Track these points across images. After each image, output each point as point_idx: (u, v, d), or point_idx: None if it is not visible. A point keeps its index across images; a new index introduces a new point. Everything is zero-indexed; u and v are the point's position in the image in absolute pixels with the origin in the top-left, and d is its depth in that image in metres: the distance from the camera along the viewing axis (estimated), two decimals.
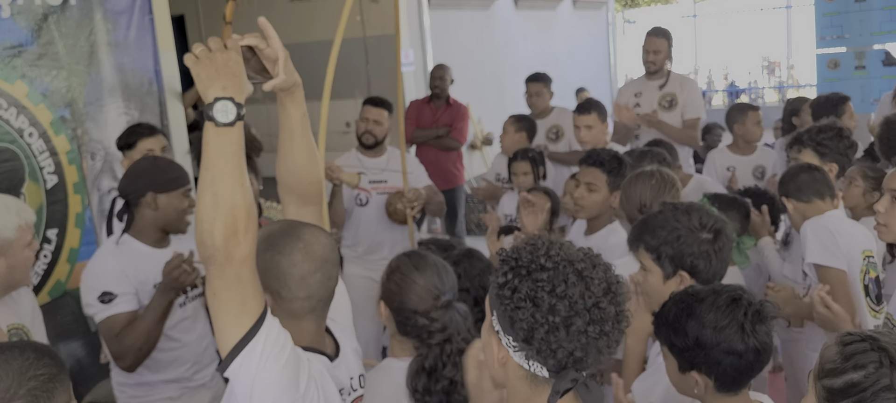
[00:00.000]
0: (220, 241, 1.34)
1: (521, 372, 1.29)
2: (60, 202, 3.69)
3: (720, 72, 17.30)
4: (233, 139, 1.38)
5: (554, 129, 5.21)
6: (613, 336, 1.25)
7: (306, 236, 1.57)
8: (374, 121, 4.07)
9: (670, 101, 4.91)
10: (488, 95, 8.88)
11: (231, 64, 1.42)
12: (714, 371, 1.62)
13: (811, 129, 3.08)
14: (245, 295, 1.37)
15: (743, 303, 1.63)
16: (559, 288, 1.22)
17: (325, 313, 1.64)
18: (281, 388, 1.39)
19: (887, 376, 1.25)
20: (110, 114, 3.99)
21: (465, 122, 5.95)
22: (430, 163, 5.68)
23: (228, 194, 1.36)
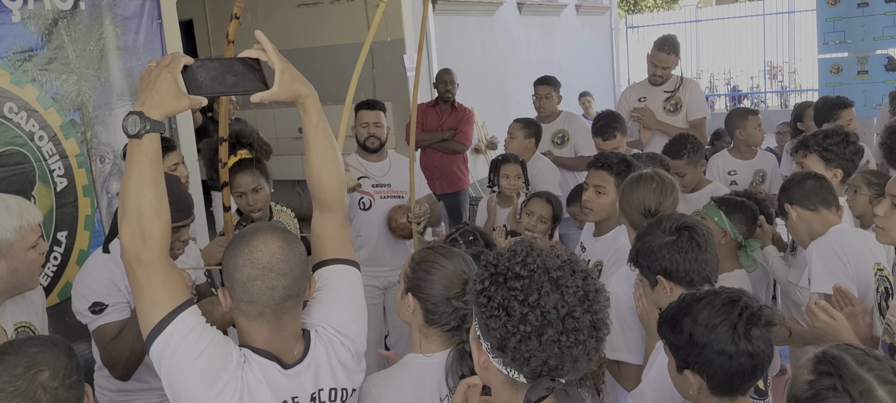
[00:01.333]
0: (127, 243, 1.52)
1: (501, 377, 1.30)
2: (70, 205, 3.73)
3: (722, 77, 17.31)
4: (140, 149, 1.52)
5: (560, 134, 5.24)
6: (590, 344, 1.24)
7: (256, 242, 1.58)
8: (375, 124, 4.06)
9: (675, 105, 4.94)
10: (492, 100, 8.92)
11: (158, 82, 1.51)
12: (706, 371, 1.62)
13: (817, 134, 3.08)
14: (154, 294, 1.52)
15: (739, 305, 1.62)
16: (531, 298, 1.22)
17: (279, 319, 1.60)
18: (192, 384, 1.51)
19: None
20: (119, 117, 4.02)
21: (471, 126, 5.97)
22: (435, 167, 5.73)
23: (133, 199, 1.51)
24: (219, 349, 1.56)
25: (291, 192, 7.84)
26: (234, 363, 1.57)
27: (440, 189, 5.67)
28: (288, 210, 3.52)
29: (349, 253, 1.82)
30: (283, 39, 7.56)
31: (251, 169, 3.25)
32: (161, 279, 1.54)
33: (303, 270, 1.63)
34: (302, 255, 1.63)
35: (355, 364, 1.75)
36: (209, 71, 1.60)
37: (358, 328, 1.76)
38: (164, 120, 1.54)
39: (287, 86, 1.65)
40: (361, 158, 4.10)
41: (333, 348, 1.71)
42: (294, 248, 1.61)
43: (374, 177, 4.05)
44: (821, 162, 3.02)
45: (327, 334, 1.71)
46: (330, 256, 1.78)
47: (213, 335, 1.58)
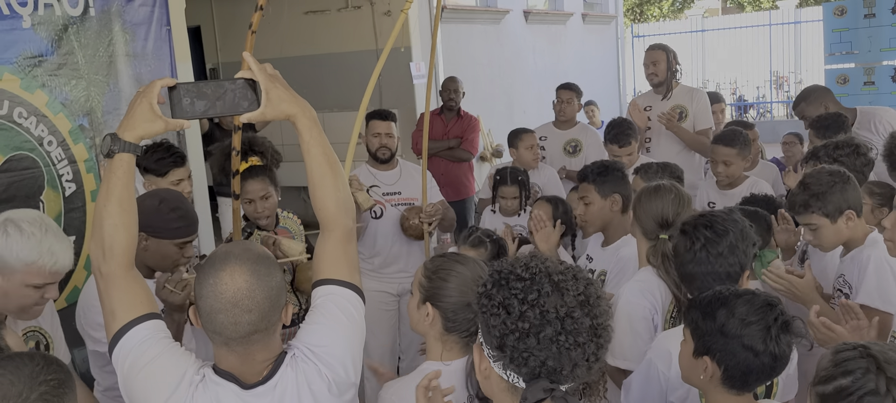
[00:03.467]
0: (91, 255, 1.61)
1: (502, 384, 1.31)
2: (78, 209, 3.75)
3: (728, 87, 17.30)
4: (111, 167, 1.59)
5: (573, 143, 5.26)
6: (589, 348, 1.25)
7: (222, 274, 1.53)
8: (386, 135, 4.08)
9: (681, 114, 4.96)
10: (498, 108, 8.93)
11: (134, 106, 1.59)
12: (726, 362, 1.66)
13: (828, 145, 3.07)
14: (113, 306, 1.58)
15: (776, 310, 1.68)
16: (531, 297, 1.25)
17: (247, 349, 1.57)
18: (140, 396, 1.55)
19: (873, 380, 1.29)
20: None
21: (476, 134, 5.99)
22: (440, 175, 5.73)
23: (99, 214, 1.60)
24: (169, 363, 1.56)
25: (297, 199, 7.83)
26: (185, 380, 1.55)
27: (446, 197, 5.66)
28: (294, 216, 3.53)
29: (347, 274, 1.71)
30: (290, 47, 7.60)
31: (261, 176, 3.26)
32: (120, 292, 1.59)
33: (273, 303, 1.56)
34: (272, 289, 1.56)
35: (332, 395, 1.63)
36: (197, 94, 1.60)
37: (340, 353, 1.64)
38: (138, 141, 1.59)
39: (273, 107, 1.63)
40: (372, 167, 4.12)
41: (306, 375, 1.61)
42: (263, 282, 1.54)
43: (385, 186, 4.08)
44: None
45: (303, 358, 1.62)
46: (325, 276, 1.71)
47: (166, 349, 1.58)
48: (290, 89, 1.66)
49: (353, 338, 1.68)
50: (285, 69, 1.87)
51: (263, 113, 1.63)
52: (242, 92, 1.63)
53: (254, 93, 1.64)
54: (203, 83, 1.63)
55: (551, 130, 5.28)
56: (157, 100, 1.59)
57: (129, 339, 1.57)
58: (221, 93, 1.62)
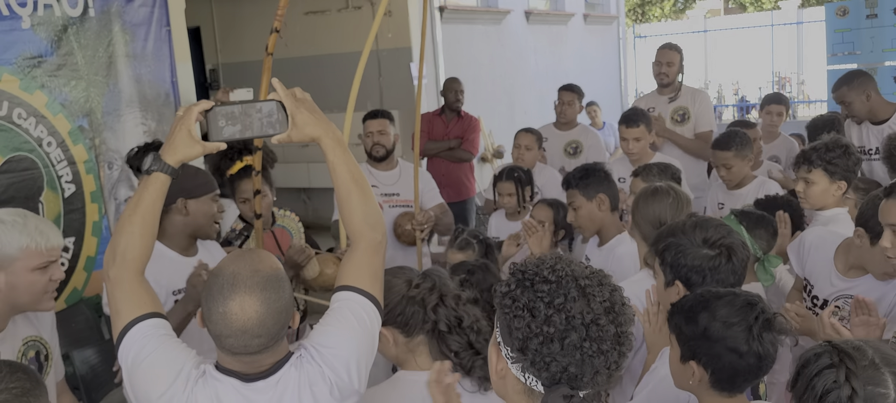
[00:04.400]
0: (106, 259, 1.69)
1: (518, 386, 1.29)
2: (78, 211, 3.74)
3: (730, 88, 17.29)
4: (145, 183, 1.69)
5: (573, 144, 5.24)
6: (612, 356, 1.23)
7: (231, 304, 1.55)
8: (379, 133, 4.08)
9: (682, 115, 4.94)
10: (499, 109, 8.92)
11: (174, 132, 1.69)
12: (712, 365, 1.66)
13: (819, 147, 3.04)
14: (118, 306, 1.66)
15: (757, 309, 1.67)
16: (557, 301, 1.22)
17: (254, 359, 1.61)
18: (141, 389, 1.61)
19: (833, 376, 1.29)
20: (128, 124, 4.05)
21: (477, 134, 5.98)
22: (441, 175, 5.73)
23: (122, 224, 1.69)
24: (168, 358, 1.61)
25: (297, 200, 7.85)
26: (183, 375, 1.59)
27: (447, 197, 5.63)
28: (292, 214, 3.52)
29: (367, 285, 1.74)
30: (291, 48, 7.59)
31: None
32: (126, 294, 1.66)
33: (283, 323, 1.61)
34: (281, 312, 1.59)
35: (333, 398, 1.64)
36: (231, 117, 1.68)
37: (346, 357, 1.65)
38: (177, 166, 1.70)
39: (299, 131, 1.70)
40: (371, 167, 4.11)
41: (309, 376, 1.63)
42: (273, 308, 1.57)
43: (383, 186, 4.06)
44: (826, 175, 3.00)
45: (309, 359, 1.65)
46: (346, 283, 1.74)
47: (165, 344, 1.63)
48: (316, 112, 1.72)
49: (363, 346, 1.69)
50: (286, 70, 1.89)
51: (289, 136, 1.71)
52: (273, 114, 1.70)
53: (284, 114, 1.71)
54: (236, 106, 1.70)
55: (552, 131, 5.26)
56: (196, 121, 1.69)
57: (133, 335, 1.62)
58: (253, 115, 1.69)
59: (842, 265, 2.64)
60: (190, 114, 1.69)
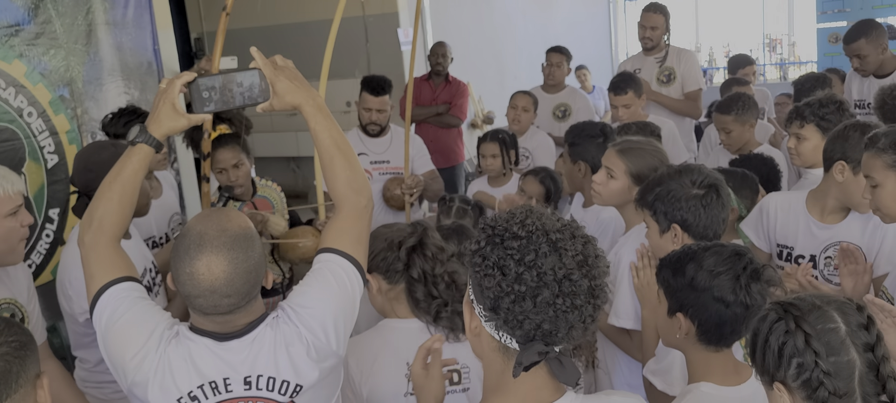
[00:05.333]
0: (83, 224, 1.71)
1: (493, 344, 1.28)
2: (62, 182, 3.70)
3: (721, 50, 17.21)
4: (129, 154, 1.71)
5: (562, 107, 5.21)
6: (587, 310, 1.21)
7: (198, 264, 1.53)
8: (378, 111, 4.03)
9: (668, 76, 4.92)
10: (489, 73, 8.85)
11: (158, 106, 1.71)
12: (699, 316, 1.65)
13: (812, 103, 3.02)
14: (92, 270, 1.68)
15: (744, 259, 1.67)
16: (528, 258, 1.20)
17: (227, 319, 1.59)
18: (114, 350, 1.62)
19: (784, 327, 1.29)
20: (110, 93, 3.99)
21: (465, 99, 5.94)
22: (430, 141, 5.68)
23: (101, 191, 1.71)
24: (142, 319, 1.62)
25: (286, 169, 7.80)
26: (155, 335, 1.60)
27: (436, 163, 5.60)
28: (273, 184, 3.48)
29: (349, 247, 1.72)
30: (276, 14, 7.49)
31: (231, 144, 3.21)
32: (100, 258, 1.68)
33: (253, 282, 1.58)
34: (250, 271, 1.57)
35: (310, 359, 1.62)
36: (214, 88, 1.69)
37: (323, 317, 1.64)
38: (162, 139, 1.72)
39: (280, 99, 1.71)
40: (361, 134, 4.08)
41: (285, 336, 1.62)
42: (241, 267, 1.55)
43: (373, 154, 4.03)
44: (818, 131, 2.98)
45: (286, 319, 1.64)
46: (328, 245, 1.73)
47: (140, 306, 1.64)
48: (296, 79, 1.72)
49: (342, 307, 1.67)
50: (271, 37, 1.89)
51: (271, 105, 1.72)
52: (256, 83, 1.70)
53: (267, 83, 1.71)
54: (219, 76, 1.70)
55: (540, 94, 5.23)
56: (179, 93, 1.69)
57: (106, 298, 1.64)
58: (237, 85, 1.70)
59: (818, 213, 2.64)
60: (173, 86, 1.69)
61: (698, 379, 1.66)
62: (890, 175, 2.15)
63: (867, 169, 2.22)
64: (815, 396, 1.24)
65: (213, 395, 1.59)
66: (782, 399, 1.29)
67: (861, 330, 1.27)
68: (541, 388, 1.28)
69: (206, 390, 1.58)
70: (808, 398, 1.25)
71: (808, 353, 1.25)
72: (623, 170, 2.58)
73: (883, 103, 3.50)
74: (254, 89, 1.71)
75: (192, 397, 1.58)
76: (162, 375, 1.57)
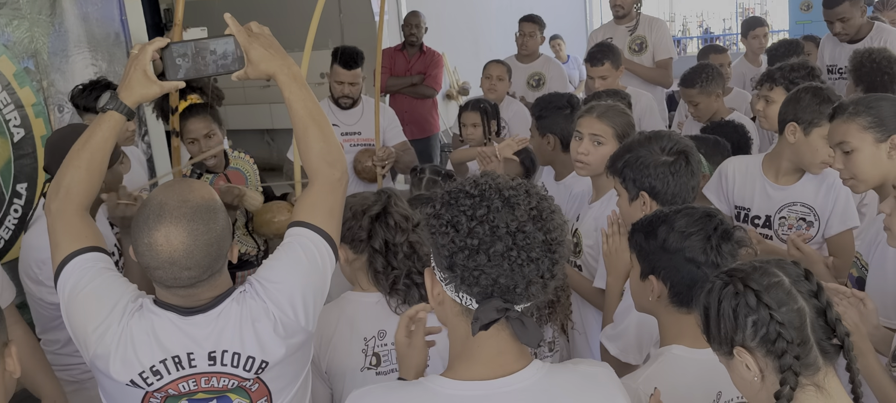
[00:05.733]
0: (50, 192, 1.68)
1: (456, 308, 1.27)
2: (29, 155, 3.63)
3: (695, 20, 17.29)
4: (99, 121, 1.67)
5: (536, 76, 5.20)
6: (544, 263, 1.21)
7: (157, 235, 1.50)
8: (350, 84, 3.99)
9: (640, 44, 4.93)
10: (464, 44, 8.81)
11: (129, 72, 1.68)
12: (671, 278, 1.66)
13: (783, 67, 3.07)
14: (58, 239, 1.65)
15: (715, 220, 1.68)
16: (480, 212, 1.20)
17: (190, 292, 1.57)
18: (76, 320, 1.59)
19: (733, 289, 1.32)
20: (77, 65, 3.91)
21: (440, 70, 5.90)
22: (404, 112, 5.67)
23: (69, 158, 1.68)
24: (106, 290, 1.59)
25: (260, 142, 7.74)
26: (119, 307, 1.56)
27: (410, 135, 5.59)
28: (246, 156, 3.44)
29: (321, 221, 1.68)
30: None
31: (203, 114, 3.16)
32: (67, 226, 1.65)
33: (215, 255, 1.54)
34: (211, 243, 1.53)
35: (277, 335, 1.59)
36: (188, 54, 1.66)
37: (291, 292, 1.60)
38: (134, 106, 1.68)
39: (254, 67, 1.67)
40: (332, 105, 4.04)
41: (251, 311, 1.58)
42: (201, 239, 1.51)
43: (344, 125, 4.00)
44: (786, 94, 3.01)
45: (253, 294, 1.60)
46: (299, 218, 1.70)
47: (105, 277, 1.61)
48: (271, 47, 1.68)
49: (311, 282, 1.64)
50: (246, 8, 1.84)
51: (246, 73, 1.68)
52: (230, 51, 1.67)
53: (242, 50, 1.68)
54: (192, 43, 1.67)
55: (514, 64, 5.20)
56: (153, 59, 1.66)
57: (71, 268, 1.61)
58: (211, 52, 1.67)
59: (773, 175, 2.70)
60: (144, 52, 1.65)
61: (670, 342, 1.68)
62: (866, 137, 2.17)
63: (840, 135, 2.22)
64: (774, 349, 1.27)
65: (177, 370, 1.56)
66: (744, 362, 1.31)
67: (802, 281, 1.32)
68: (505, 353, 1.28)
69: (169, 364, 1.55)
70: (769, 352, 1.28)
71: (762, 309, 1.28)
72: (611, 133, 2.56)
73: (860, 65, 3.53)
74: (228, 57, 1.67)
75: (155, 371, 1.55)
76: (124, 348, 1.54)
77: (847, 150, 2.20)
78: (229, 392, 1.60)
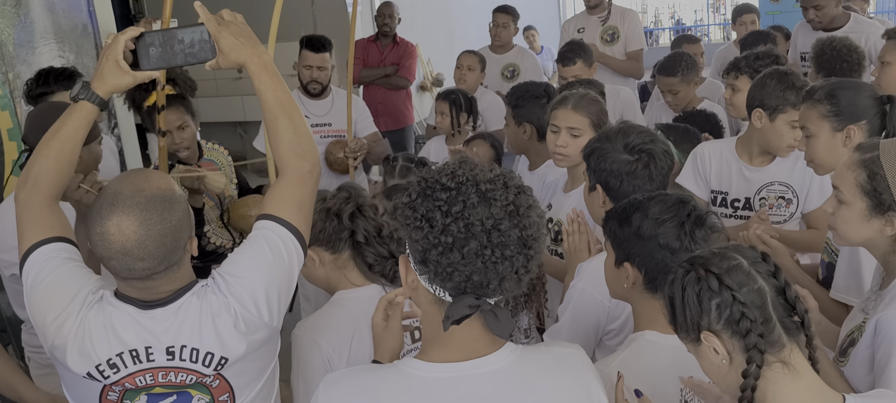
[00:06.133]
0: (20, 181, 1.66)
1: (429, 296, 1.27)
2: None
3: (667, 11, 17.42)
4: (70, 110, 1.66)
5: (510, 68, 5.20)
6: (518, 260, 1.20)
7: (108, 224, 1.48)
8: (318, 68, 3.95)
9: (612, 35, 4.95)
10: (437, 35, 8.79)
11: (101, 63, 1.65)
12: (646, 264, 1.67)
13: (748, 56, 3.11)
14: (24, 228, 1.64)
15: (688, 207, 1.69)
16: (455, 208, 1.18)
17: (148, 285, 1.54)
18: (36, 310, 1.58)
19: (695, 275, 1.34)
20: (43, 57, 3.85)
21: (413, 60, 5.89)
22: (378, 103, 5.65)
23: (39, 148, 1.66)
24: (67, 281, 1.57)
25: (233, 134, 7.66)
26: (78, 298, 1.55)
27: (384, 126, 5.60)
28: (221, 147, 3.40)
29: (289, 214, 1.63)
30: None
31: (176, 105, 3.12)
32: (33, 216, 1.64)
33: (170, 247, 1.51)
34: (166, 234, 1.50)
35: (238, 331, 1.55)
36: (162, 43, 1.65)
37: (254, 288, 1.56)
38: (107, 96, 1.66)
39: (225, 57, 1.64)
40: (302, 96, 4.01)
41: (211, 306, 1.55)
42: (153, 230, 1.48)
43: (314, 116, 3.97)
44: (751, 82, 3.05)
45: (214, 289, 1.57)
46: (267, 211, 1.65)
47: (67, 268, 1.59)
48: (242, 35, 1.65)
49: (276, 277, 1.60)
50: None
51: (218, 63, 1.66)
52: (200, 40, 1.65)
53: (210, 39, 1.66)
54: (167, 32, 1.66)
55: (488, 55, 5.20)
56: (125, 50, 1.63)
57: (35, 258, 1.60)
58: (178, 42, 1.65)
59: (748, 158, 2.74)
60: (117, 42, 1.63)
61: (644, 328, 1.69)
62: (824, 125, 2.21)
63: (803, 119, 2.27)
64: (738, 329, 1.29)
65: (134, 363, 1.53)
66: (712, 345, 1.32)
67: (759, 262, 1.34)
68: (477, 339, 1.28)
69: (125, 358, 1.53)
70: (734, 333, 1.30)
71: (724, 291, 1.30)
72: (587, 123, 2.56)
73: (820, 53, 3.58)
74: (196, 46, 1.65)
75: (111, 364, 1.52)
76: (81, 340, 1.52)
77: (808, 135, 2.25)
78: (189, 387, 1.58)
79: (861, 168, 1.64)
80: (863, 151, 1.66)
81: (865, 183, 1.63)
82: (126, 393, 1.56)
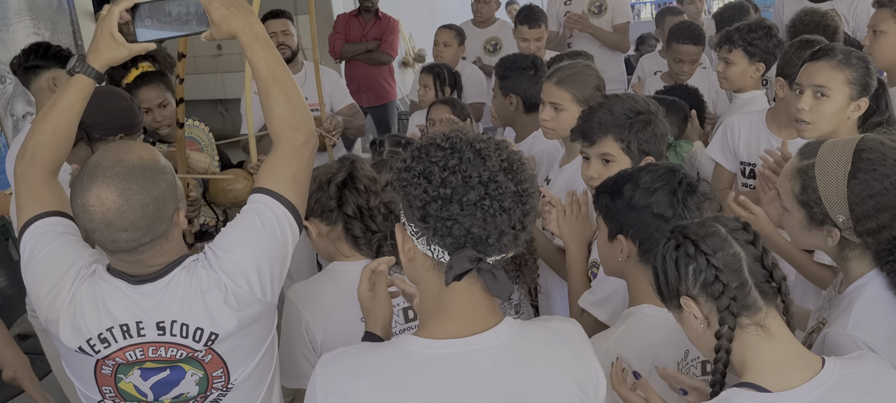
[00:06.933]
0: (18, 156, 1.67)
1: (427, 263, 1.26)
2: None
3: None
4: (65, 84, 1.65)
5: (492, 41, 5.18)
6: (515, 213, 1.21)
7: (89, 195, 1.47)
8: (282, 33, 3.90)
9: (600, 6, 4.93)
10: (419, 11, 8.71)
11: (96, 36, 1.64)
12: (639, 235, 1.67)
13: (741, 28, 3.09)
14: (21, 202, 1.65)
15: (678, 174, 1.70)
16: (452, 163, 1.20)
17: (135, 259, 1.53)
18: (32, 284, 1.60)
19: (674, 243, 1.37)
20: (18, 35, 3.77)
21: (396, 35, 5.84)
22: (361, 79, 5.60)
23: (36, 123, 1.67)
24: (61, 254, 1.58)
25: (214, 112, 7.57)
26: (71, 272, 1.55)
27: (367, 101, 5.56)
28: (202, 124, 3.34)
29: (283, 188, 1.61)
30: None
31: (156, 82, 3.06)
32: (31, 190, 1.64)
33: (153, 217, 1.49)
34: (148, 204, 1.48)
35: (229, 307, 1.53)
36: (156, 15, 1.64)
37: (244, 263, 1.55)
38: (102, 69, 1.64)
39: (217, 28, 1.61)
40: None
41: (200, 282, 1.53)
42: (134, 199, 1.46)
43: None
44: (745, 56, 3.04)
45: (205, 264, 1.56)
46: (259, 185, 1.63)
47: (62, 241, 1.59)
48: (233, 5, 1.61)
49: (268, 251, 1.58)
50: None
51: (211, 34, 1.64)
52: (199, 10, 1.63)
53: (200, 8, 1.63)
54: (159, 3, 1.64)
55: (470, 29, 5.18)
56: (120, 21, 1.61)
57: (31, 231, 1.60)
58: (180, 12, 1.63)
59: (776, 129, 2.74)
60: (112, 14, 1.62)
61: (640, 301, 1.69)
62: (845, 91, 2.19)
63: (822, 78, 2.21)
64: (712, 291, 1.32)
65: (125, 338, 1.53)
66: (691, 311, 1.35)
67: (739, 231, 1.37)
68: (477, 307, 1.28)
69: (116, 332, 1.52)
70: (709, 297, 1.33)
71: (699, 256, 1.33)
72: (569, 99, 2.54)
73: (792, 24, 3.54)
74: (191, 18, 1.63)
75: (102, 339, 1.52)
76: (72, 314, 1.52)
77: (821, 95, 2.21)
78: (180, 362, 1.56)
79: (797, 177, 1.56)
80: (802, 157, 1.58)
81: (800, 194, 1.55)
82: (119, 368, 1.56)
